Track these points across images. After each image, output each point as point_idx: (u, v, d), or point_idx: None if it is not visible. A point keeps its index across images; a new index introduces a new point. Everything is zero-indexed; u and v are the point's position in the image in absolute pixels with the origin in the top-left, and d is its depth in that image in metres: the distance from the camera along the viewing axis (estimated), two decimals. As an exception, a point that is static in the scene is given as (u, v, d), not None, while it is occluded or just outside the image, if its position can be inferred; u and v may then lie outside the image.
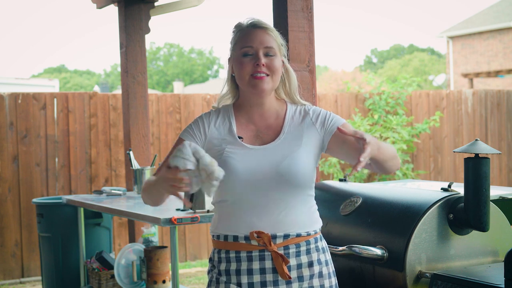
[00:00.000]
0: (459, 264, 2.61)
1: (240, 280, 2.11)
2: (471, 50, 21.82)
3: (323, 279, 2.16)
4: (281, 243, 2.09)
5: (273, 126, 2.20)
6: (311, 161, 2.14)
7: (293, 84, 2.24)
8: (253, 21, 2.18)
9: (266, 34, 2.15)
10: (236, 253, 2.12)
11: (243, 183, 2.08)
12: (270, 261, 2.09)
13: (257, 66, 2.11)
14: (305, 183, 2.12)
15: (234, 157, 2.11)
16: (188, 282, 6.70)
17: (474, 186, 2.51)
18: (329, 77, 28.79)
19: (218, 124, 2.20)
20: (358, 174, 8.37)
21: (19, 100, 6.89)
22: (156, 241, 5.08)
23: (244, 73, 2.13)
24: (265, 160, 2.10)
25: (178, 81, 35.56)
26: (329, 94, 8.80)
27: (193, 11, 63.94)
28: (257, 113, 2.20)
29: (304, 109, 2.24)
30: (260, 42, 2.13)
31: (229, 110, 2.23)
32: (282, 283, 2.10)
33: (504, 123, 9.87)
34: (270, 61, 2.14)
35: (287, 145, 2.14)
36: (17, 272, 6.82)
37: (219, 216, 2.18)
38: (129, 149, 5.41)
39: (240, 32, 2.18)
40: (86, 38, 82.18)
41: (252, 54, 2.13)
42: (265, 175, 2.08)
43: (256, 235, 2.08)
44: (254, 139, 2.17)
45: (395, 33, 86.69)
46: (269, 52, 2.14)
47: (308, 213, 2.16)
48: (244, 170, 2.08)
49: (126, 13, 5.83)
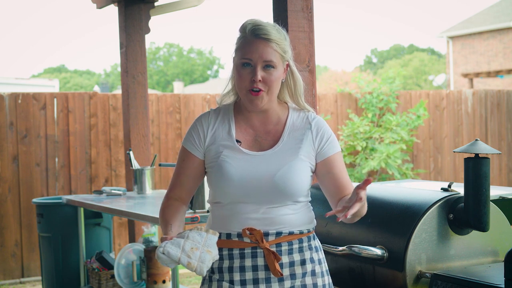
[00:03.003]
0: (459, 264, 2.61)
1: (232, 277, 2.12)
2: (471, 50, 21.82)
3: (316, 278, 2.17)
4: (273, 241, 2.11)
5: (272, 132, 2.19)
6: (307, 172, 2.15)
7: (299, 87, 2.23)
8: (256, 28, 2.12)
9: (268, 47, 2.11)
10: (229, 251, 2.13)
11: (237, 188, 2.10)
12: (262, 258, 2.11)
13: (254, 82, 2.10)
14: (299, 193, 2.13)
15: (230, 162, 2.12)
16: (188, 282, 6.70)
17: (474, 186, 2.51)
18: (329, 77, 28.78)
19: (217, 125, 2.20)
20: (358, 174, 8.37)
21: (19, 100, 6.89)
22: (156, 241, 5.08)
23: (241, 85, 2.13)
24: (261, 168, 2.11)
25: (178, 81, 35.57)
26: (329, 94, 8.79)
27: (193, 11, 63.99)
28: (257, 118, 2.20)
29: (307, 117, 2.23)
30: (260, 56, 2.10)
31: (230, 111, 2.23)
32: (275, 280, 2.11)
33: (504, 123, 9.87)
34: (268, 75, 2.11)
35: (284, 154, 2.14)
36: (17, 272, 6.82)
37: (213, 217, 2.20)
38: (129, 149, 5.41)
39: (243, 40, 2.14)
40: (86, 38, 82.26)
41: (251, 66, 2.12)
42: (260, 183, 2.09)
43: (248, 232, 2.09)
44: (252, 144, 2.17)
45: (395, 33, 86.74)
46: (268, 65, 2.12)
47: (301, 213, 2.17)
48: (238, 176, 2.10)
49: (126, 13, 5.83)
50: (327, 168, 2.18)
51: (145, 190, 5.16)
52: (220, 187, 2.12)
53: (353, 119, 8.47)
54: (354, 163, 8.57)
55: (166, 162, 7.45)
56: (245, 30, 2.14)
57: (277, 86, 2.15)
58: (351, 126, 8.35)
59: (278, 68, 2.14)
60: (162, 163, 4.76)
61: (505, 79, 19.91)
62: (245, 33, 2.14)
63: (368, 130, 8.40)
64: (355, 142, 8.37)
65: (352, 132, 8.37)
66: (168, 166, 4.77)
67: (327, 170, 2.18)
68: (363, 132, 8.41)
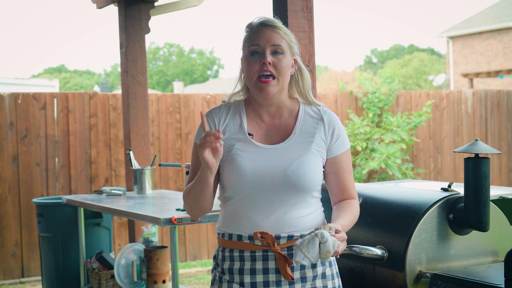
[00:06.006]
0: (459, 264, 2.61)
1: (243, 279, 2.11)
2: (471, 50, 21.82)
3: (326, 280, 2.16)
4: (284, 244, 2.09)
5: (283, 126, 2.18)
6: (319, 165, 2.14)
7: (306, 83, 2.21)
8: (262, 19, 2.16)
9: (275, 32, 2.12)
10: (240, 252, 2.12)
11: (249, 182, 2.07)
12: (273, 261, 2.09)
13: (264, 65, 2.09)
14: (311, 187, 2.12)
15: (243, 155, 2.10)
16: (188, 282, 6.69)
17: (474, 186, 2.51)
18: (329, 77, 28.78)
19: (228, 119, 2.18)
20: (358, 174, 8.38)
21: (19, 100, 6.89)
22: (156, 241, 5.08)
23: (251, 73, 2.11)
24: (274, 162, 2.09)
25: (178, 81, 35.54)
26: (329, 94, 8.79)
27: (193, 11, 63.94)
28: (268, 112, 2.19)
29: (319, 111, 2.22)
30: (268, 40, 2.11)
31: (240, 106, 2.21)
32: (285, 283, 2.10)
33: (504, 123, 9.87)
34: (277, 60, 2.11)
35: (296, 147, 2.12)
36: (17, 272, 6.82)
37: (225, 214, 2.17)
38: (129, 149, 5.41)
39: (250, 31, 2.16)
40: (86, 38, 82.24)
41: (259, 53, 2.11)
42: (273, 177, 2.08)
43: (260, 235, 2.07)
44: (264, 138, 2.16)
45: (395, 33, 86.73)
46: (277, 50, 2.11)
47: (313, 215, 2.15)
48: (251, 170, 2.08)
49: (126, 13, 5.83)
50: (333, 168, 2.18)
51: (145, 190, 5.16)
52: (232, 181, 2.09)
53: (353, 119, 8.47)
54: (354, 164, 8.57)
55: (166, 162, 7.45)
56: (252, 24, 2.17)
57: (287, 74, 2.14)
58: (351, 127, 8.36)
59: (287, 56, 2.13)
60: (162, 163, 4.76)
61: (505, 79, 19.90)
62: (251, 26, 2.16)
63: (369, 131, 8.40)
64: (355, 142, 8.37)
65: (352, 133, 8.37)
66: (168, 166, 4.77)
67: (333, 169, 2.18)
68: (364, 132, 8.41)
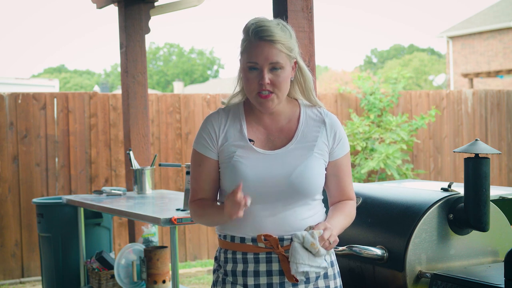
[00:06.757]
0: (459, 264, 2.61)
1: (246, 281, 2.10)
2: (471, 50, 21.82)
3: (329, 280, 2.16)
4: (287, 246, 2.08)
5: (285, 130, 2.16)
6: (321, 169, 2.14)
7: (308, 83, 2.19)
8: (259, 30, 2.07)
9: (273, 48, 2.06)
10: (243, 254, 2.11)
11: (252, 189, 2.05)
12: (277, 263, 2.09)
13: (261, 85, 2.06)
14: (315, 191, 2.12)
15: (245, 162, 2.08)
16: (188, 282, 6.69)
17: (474, 186, 2.51)
18: (329, 77, 28.77)
19: (228, 125, 2.16)
20: (358, 174, 8.37)
21: (19, 100, 6.89)
22: (156, 241, 5.08)
23: (250, 89, 2.09)
24: (276, 168, 2.08)
25: (178, 81, 35.54)
26: (329, 94, 8.79)
27: (193, 11, 63.97)
28: (268, 117, 2.17)
29: (320, 113, 2.20)
30: (266, 58, 2.06)
31: (240, 110, 2.18)
32: (289, 285, 2.09)
33: (504, 123, 9.87)
34: (275, 76, 2.07)
35: (299, 152, 2.11)
36: (17, 272, 6.82)
37: None
38: (129, 149, 5.41)
39: (247, 43, 2.09)
40: (86, 38, 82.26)
41: (258, 69, 2.07)
42: (276, 183, 2.07)
43: (263, 238, 2.06)
44: (265, 143, 2.14)
45: (395, 33, 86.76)
46: (275, 67, 2.07)
47: (315, 216, 2.15)
48: (254, 177, 2.06)
49: (126, 13, 5.83)
50: (334, 171, 2.18)
51: (145, 190, 5.15)
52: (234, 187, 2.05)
53: (353, 119, 8.47)
54: (354, 163, 8.57)
55: (166, 162, 7.45)
56: (249, 32, 2.09)
57: (286, 86, 2.11)
58: (351, 126, 8.36)
59: (286, 68, 2.09)
60: (162, 163, 4.76)
61: (505, 79, 19.90)
62: (248, 36, 2.09)
63: (368, 130, 8.40)
64: (354, 142, 8.37)
65: (352, 132, 8.37)
66: (168, 166, 4.77)
67: (334, 172, 2.18)
68: (363, 132, 8.41)
